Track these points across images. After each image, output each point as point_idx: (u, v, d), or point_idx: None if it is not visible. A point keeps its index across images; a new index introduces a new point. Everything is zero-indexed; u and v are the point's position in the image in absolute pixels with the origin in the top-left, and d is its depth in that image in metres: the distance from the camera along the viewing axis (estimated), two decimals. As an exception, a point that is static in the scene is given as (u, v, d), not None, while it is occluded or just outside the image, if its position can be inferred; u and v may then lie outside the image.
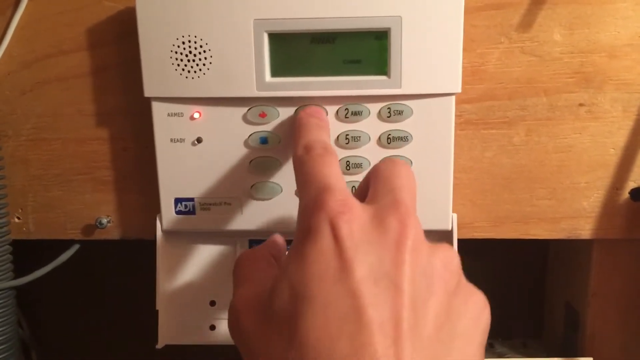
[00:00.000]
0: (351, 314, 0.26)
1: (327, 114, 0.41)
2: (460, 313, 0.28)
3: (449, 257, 0.30)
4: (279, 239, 0.40)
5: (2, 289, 0.45)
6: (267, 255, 0.36)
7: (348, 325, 0.25)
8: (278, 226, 0.43)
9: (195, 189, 0.43)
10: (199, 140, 0.42)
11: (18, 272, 0.47)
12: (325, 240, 0.28)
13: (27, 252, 0.48)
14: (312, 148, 0.34)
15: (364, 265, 0.27)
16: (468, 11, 0.40)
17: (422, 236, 0.29)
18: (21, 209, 0.47)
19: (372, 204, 0.30)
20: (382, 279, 0.27)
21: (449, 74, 0.40)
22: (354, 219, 0.28)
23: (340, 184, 0.31)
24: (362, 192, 0.33)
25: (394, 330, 0.25)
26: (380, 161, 0.34)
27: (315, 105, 0.41)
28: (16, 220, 0.47)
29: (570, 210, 0.44)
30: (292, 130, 0.40)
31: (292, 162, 0.35)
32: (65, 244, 0.48)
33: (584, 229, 0.44)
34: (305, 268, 0.27)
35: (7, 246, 0.46)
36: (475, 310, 0.29)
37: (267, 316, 0.28)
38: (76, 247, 0.48)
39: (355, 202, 0.29)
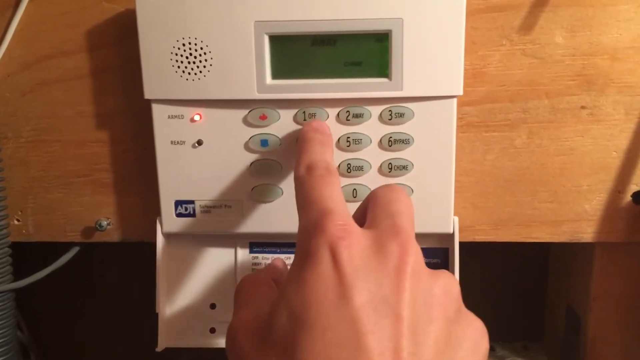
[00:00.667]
0: (350, 340, 0.25)
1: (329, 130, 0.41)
2: (460, 340, 0.28)
3: (449, 284, 0.29)
4: (280, 262, 0.40)
5: (1, 292, 0.45)
6: (268, 279, 0.36)
7: (347, 352, 0.25)
8: (279, 229, 0.43)
9: (195, 191, 0.43)
10: (200, 142, 0.42)
11: (18, 275, 0.47)
12: (324, 265, 0.28)
13: (28, 255, 0.48)
14: (314, 168, 0.34)
15: (364, 291, 0.27)
16: (469, 13, 0.40)
17: (422, 262, 0.29)
18: (21, 211, 0.47)
19: (372, 229, 0.30)
20: (382, 306, 0.26)
21: (450, 77, 0.40)
22: (354, 244, 0.28)
23: (341, 208, 0.31)
24: (360, 217, 0.33)
25: (393, 358, 0.25)
26: (379, 187, 0.34)
27: (320, 120, 0.41)
28: (16, 222, 0.47)
29: (572, 214, 0.44)
30: (296, 146, 0.39)
31: (294, 180, 0.35)
32: (66, 246, 0.48)
33: (586, 232, 0.44)
34: (305, 292, 0.27)
35: (7, 248, 0.46)
36: (474, 338, 0.29)
37: (265, 340, 0.28)
38: (76, 249, 0.48)
39: (355, 227, 0.29)
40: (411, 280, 0.27)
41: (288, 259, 0.46)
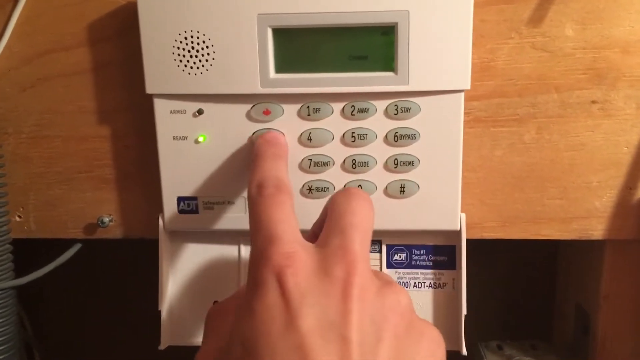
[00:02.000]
0: None
1: (285, 138, 0.41)
2: (412, 354, 0.28)
3: (398, 299, 0.29)
4: None
5: (2, 289, 0.44)
6: (235, 308, 0.35)
7: None
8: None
9: (198, 187, 0.43)
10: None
11: (22, 272, 0.47)
12: (271, 294, 0.28)
13: (31, 252, 0.47)
14: (263, 187, 0.33)
15: (310, 317, 0.27)
16: (477, 5, 0.39)
17: (369, 281, 0.29)
18: (22, 208, 0.46)
19: (320, 248, 0.30)
20: (330, 330, 0.27)
21: (457, 70, 0.39)
22: (299, 271, 0.28)
23: (289, 231, 0.31)
24: (320, 225, 0.33)
25: None
26: (340, 191, 0.34)
27: (274, 130, 0.41)
28: (17, 219, 0.47)
29: (582, 210, 0.43)
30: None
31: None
32: (68, 243, 0.48)
33: (596, 229, 0.43)
34: (253, 324, 0.28)
35: (8, 245, 0.45)
36: (429, 349, 0.29)
37: None
38: (78, 246, 0.48)
39: (300, 253, 0.29)
40: (358, 302, 0.28)
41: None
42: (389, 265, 0.45)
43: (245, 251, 0.45)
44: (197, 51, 0.40)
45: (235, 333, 0.29)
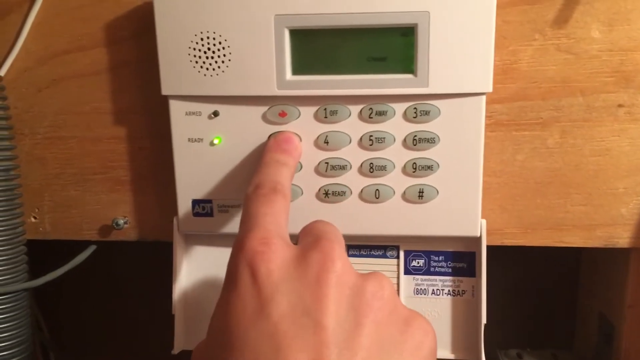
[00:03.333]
0: (270, 356, 0.25)
1: (300, 141, 0.40)
2: (396, 343, 0.27)
3: (379, 285, 0.29)
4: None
5: (16, 291, 0.44)
6: None
7: None
8: (298, 230, 0.42)
9: (213, 190, 0.42)
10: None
11: (38, 273, 0.47)
12: (243, 283, 0.27)
13: (47, 253, 0.47)
14: (260, 187, 0.34)
15: (283, 304, 0.26)
16: (500, 6, 0.38)
17: (349, 269, 0.28)
18: (37, 209, 0.46)
19: (297, 245, 0.30)
20: (302, 316, 0.26)
21: (479, 73, 0.38)
22: (273, 258, 0.28)
23: (270, 223, 0.30)
24: None
25: None
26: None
27: (290, 132, 0.40)
28: (32, 220, 0.46)
29: (607, 217, 0.42)
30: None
31: None
32: (83, 245, 0.48)
33: (621, 237, 0.42)
34: (226, 314, 0.27)
35: (22, 247, 0.45)
36: (415, 338, 0.28)
37: None
38: (92, 248, 0.47)
39: (278, 240, 0.29)
40: (335, 287, 0.27)
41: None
42: (407, 272, 0.44)
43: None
44: (213, 52, 0.39)
45: (211, 327, 0.28)
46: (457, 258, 0.44)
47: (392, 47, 0.38)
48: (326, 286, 0.27)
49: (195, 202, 0.42)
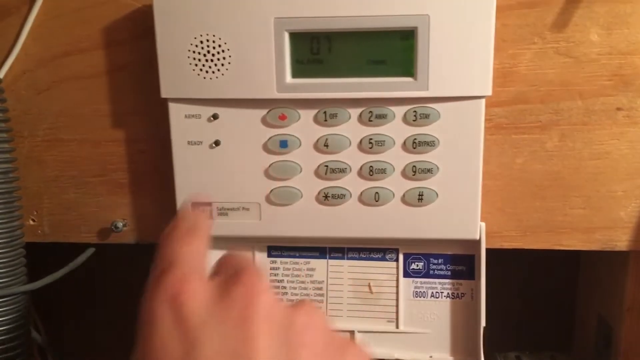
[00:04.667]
0: None
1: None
2: None
3: (311, 316, 0.27)
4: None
5: (15, 293, 0.44)
6: None
7: None
8: (298, 233, 0.42)
9: (212, 193, 0.42)
10: (217, 143, 0.41)
11: (36, 276, 0.46)
12: (165, 324, 0.25)
13: (45, 256, 0.47)
14: (176, 226, 0.30)
15: (211, 346, 0.24)
16: (499, 10, 0.38)
17: (274, 300, 0.26)
18: (36, 211, 0.46)
19: (216, 278, 0.28)
20: (232, 358, 0.24)
21: (478, 76, 0.38)
22: (195, 296, 0.26)
23: (188, 260, 0.28)
24: None
25: None
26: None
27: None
28: (31, 222, 0.46)
29: (606, 220, 0.42)
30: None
31: None
32: (81, 247, 0.47)
33: (620, 240, 0.42)
34: None
35: (21, 249, 0.45)
36: None
37: None
38: (91, 250, 0.47)
39: (196, 277, 0.26)
40: (264, 324, 0.25)
41: (307, 263, 0.45)
42: (406, 275, 0.44)
43: (260, 258, 0.45)
44: (213, 55, 0.39)
45: None
46: (457, 261, 0.44)
47: (392, 50, 0.38)
48: (253, 323, 0.25)
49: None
